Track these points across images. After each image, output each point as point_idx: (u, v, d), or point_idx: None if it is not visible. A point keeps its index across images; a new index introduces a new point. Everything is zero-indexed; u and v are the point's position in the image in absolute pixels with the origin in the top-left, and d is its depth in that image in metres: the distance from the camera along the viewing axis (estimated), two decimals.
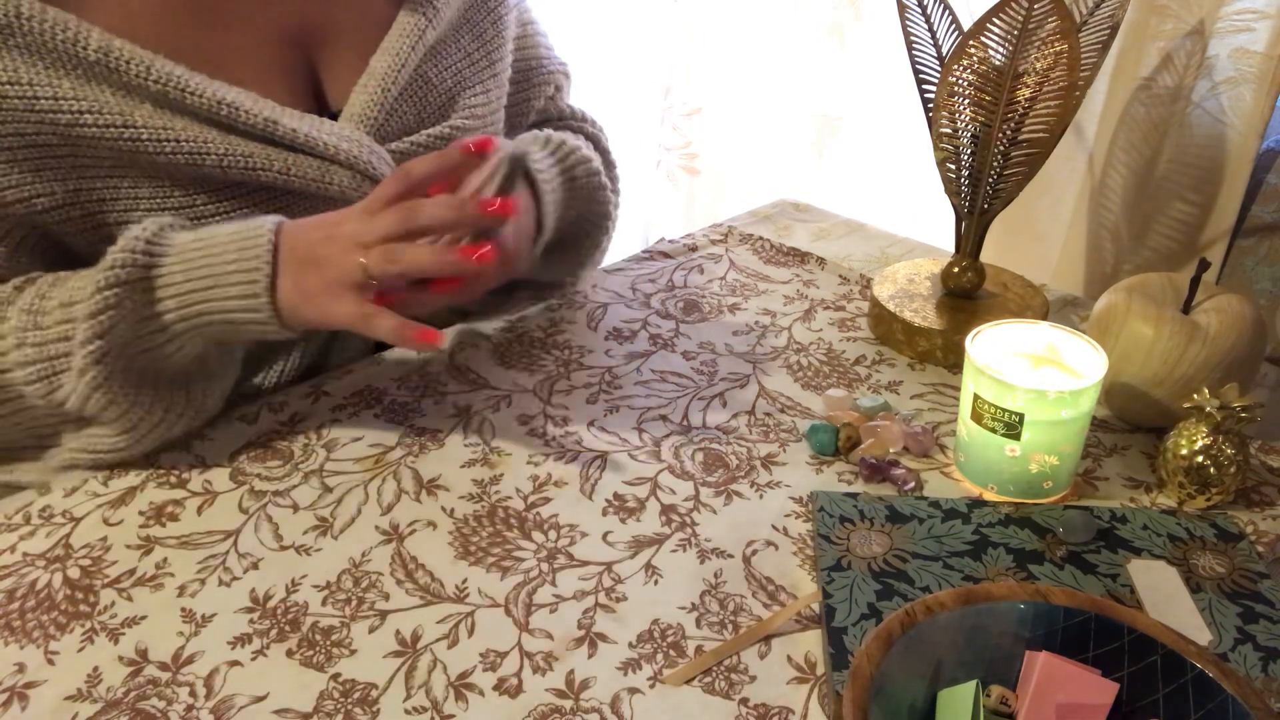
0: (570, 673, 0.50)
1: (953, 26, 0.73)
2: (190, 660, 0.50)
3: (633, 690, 0.49)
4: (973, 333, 0.63)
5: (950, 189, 0.75)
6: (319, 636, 0.52)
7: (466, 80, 0.77)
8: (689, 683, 0.50)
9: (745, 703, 0.49)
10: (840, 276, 0.91)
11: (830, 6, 1.41)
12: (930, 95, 0.75)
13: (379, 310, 0.60)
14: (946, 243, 0.95)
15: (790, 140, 1.53)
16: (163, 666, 0.50)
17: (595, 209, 0.83)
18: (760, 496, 0.63)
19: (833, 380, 0.75)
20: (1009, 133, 0.71)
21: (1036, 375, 0.62)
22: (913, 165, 1.35)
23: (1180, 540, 0.58)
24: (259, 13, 0.68)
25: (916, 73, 0.75)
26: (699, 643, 0.52)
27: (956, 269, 0.79)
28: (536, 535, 0.59)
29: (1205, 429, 0.61)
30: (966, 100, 0.70)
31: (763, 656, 0.51)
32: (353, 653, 0.51)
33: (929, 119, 0.73)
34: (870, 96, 1.42)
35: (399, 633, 0.52)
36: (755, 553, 0.58)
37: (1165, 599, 0.54)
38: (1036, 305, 0.80)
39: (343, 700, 0.49)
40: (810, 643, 0.52)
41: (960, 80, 0.69)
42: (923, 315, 0.78)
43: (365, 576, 0.56)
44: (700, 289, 0.88)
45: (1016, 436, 0.60)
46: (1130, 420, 0.70)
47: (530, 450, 0.67)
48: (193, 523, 0.60)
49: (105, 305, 0.58)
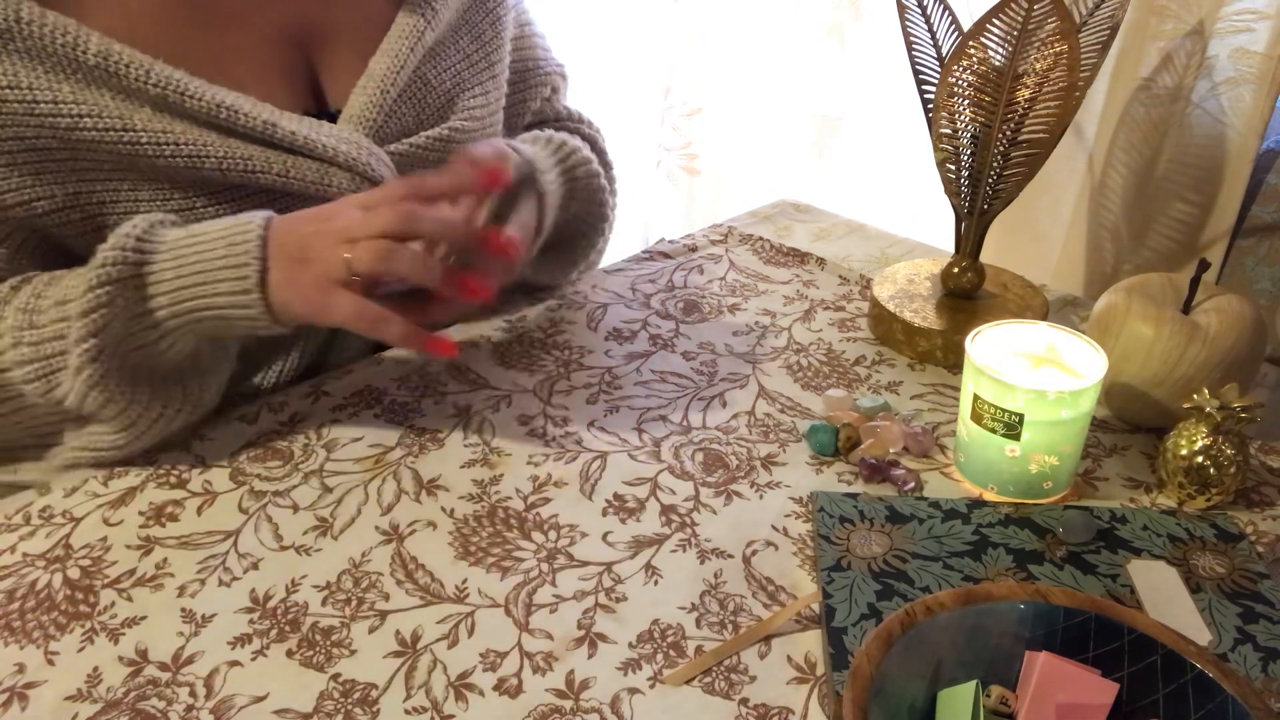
0: (570, 673, 0.50)
1: (953, 27, 0.73)
2: (190, 660, 0.50)
3: (633, 690, 0.49)
4: (973, 333, 0.63)
5: (950, 189, 0.75)
6: (319, 637, 0.52)
7: (465, 82, 0.77)
8: (689, 683, 0.50)
9: (745, 703, 0.49)
10: (840, 277, 0.91)
11: (830, 6, 1.41)
12: (930, 95, 0.75)
13: (385, 314, 0.59)
14: (946, 243, 0.95)
15: (790, 140, 1.53)
16: (163, 667, 0.50)
17: (593, 210, 0.83)
18: (760, 497, 0.63)
19: (833, 380, 0.75)
20: (1009, 133, 0.71)
21: (1036, 375, 0.62)
22: (913, 165, 1.35)
23: (1180, 540, 0.58)
24: (258, 13, 0.69)
25: (916, 73, 0.75)
26: (699, 643, 0.52)
27: (956, 269, 0.79)
28: (536, 535, 0.59)
29: (1205, 429, 0.61)
30: (966, 101, 0.70)
31: (763, 657, 0.51)
32: (353, 653, 0.51)
33: (929, 119, 0.73)
34: (870, 96, 1.42)
35: (399, 633, 0.52)
36: (755, 553, 0.58)
37: (1165, 599, 0.54)
38: (1036, 305, 0.80)
39: (343, 700, 0.49)
40: (810, 643, 0.52)
41: (960, 81, 0.69)
42: (923, 315, 0.78)
43: (365, 577, 0.56)
44: (700, 289, 0.88)
45: (1016, 437, 0.60)
46: (1130, 420, 0.70)
47: (530, 450, 0.67)
48: (193, 523, 0.60)
49: (98, 303, 0.58)
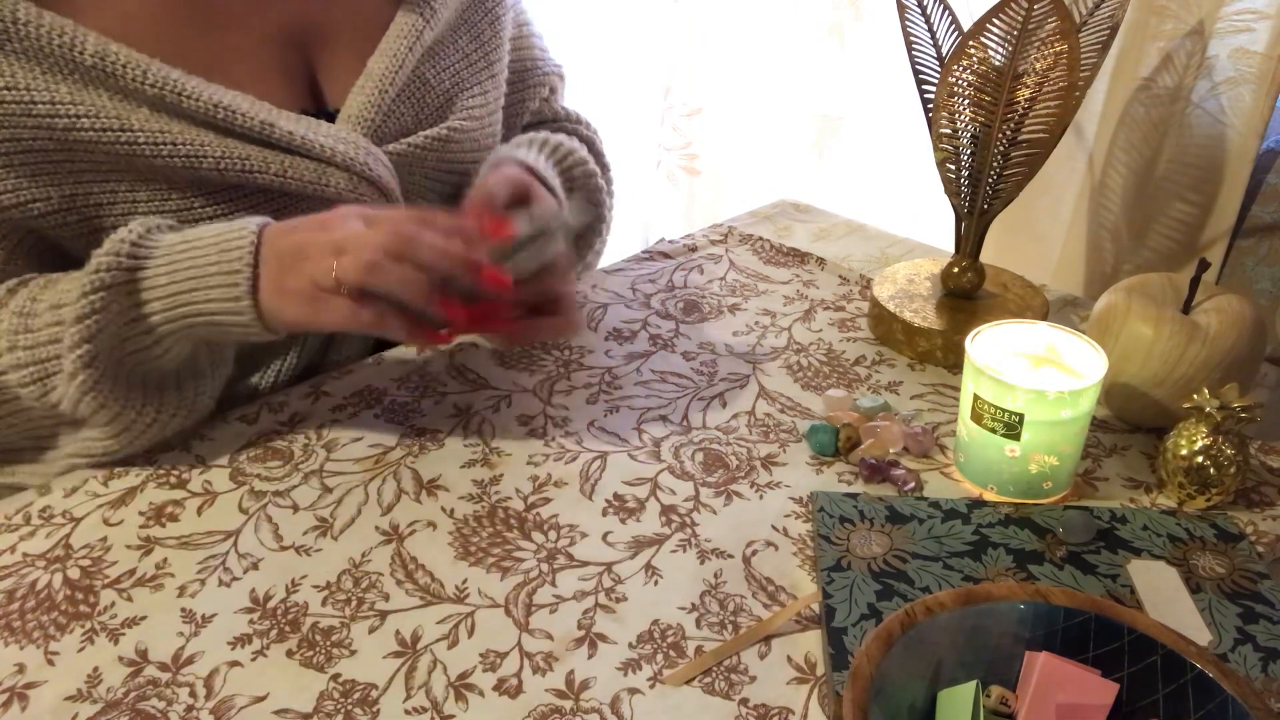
0: (570, 673, 0.50)
1: (953, 27, 0.73)
2: (190, 660, 0.50)
3: (633, 690, 0.49)
4: (973, 333, 0.63)
5: (950, 189, 0.75)
6: (319, 637, 0.52)
7: (464, 82, 0.77)
8: (689, 683, 0.50)
9: (745, 703, 0.49)
10: (840, 277, 0.91)
11: (830, 6, 1.41)
12: (930, 95, 0.75)
13: (380, 316, 0.58)
14: (946, 243, 0.95)
15: (790, 140, 1.53)
16: (163, 667, 0.50)
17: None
18: (760, 497, 0.63)
19: (833, 380, 0.75)
20: (1009, 133, 0.70)
21: (1036, 375, 0.62)
22: (913, 165, 1.35)
23: (1180, 540, 0.58)
24: (256, 13, 0.68)
25: (916, 73, 0.75)
26: (699, 643, 0.52)
27: (956, 269, 0.79)
28: (536, 535, 0.59)
29: (1205, 429, 0.61)
30: (966, 100, 0.70)
31: (763, 657, 0.51)
32: (353, 653, 0.51)
33: (929, 119, 0.73)
34: (870, 96, 1.42)
35: (399, 633, 0.52)
36: (755, 553, 0.58)
37: (1165, 599, 0.54)
38: (1036, 305, 0.80)
39: (343, 700, 0.49)
40: (810, 643, 0.52)
41: (960, 80, 0.69)
42: (923, 315, 0.78)
43: (365, 577, 0.56)
44: (700, 289, 0.88)
45: (1016, 437, 0.60)
46: (1130, 420, 0.70)
47: (530, 450, 0.67)
48: (193, 523, 0.60)
49: (92, 309, 0.57)
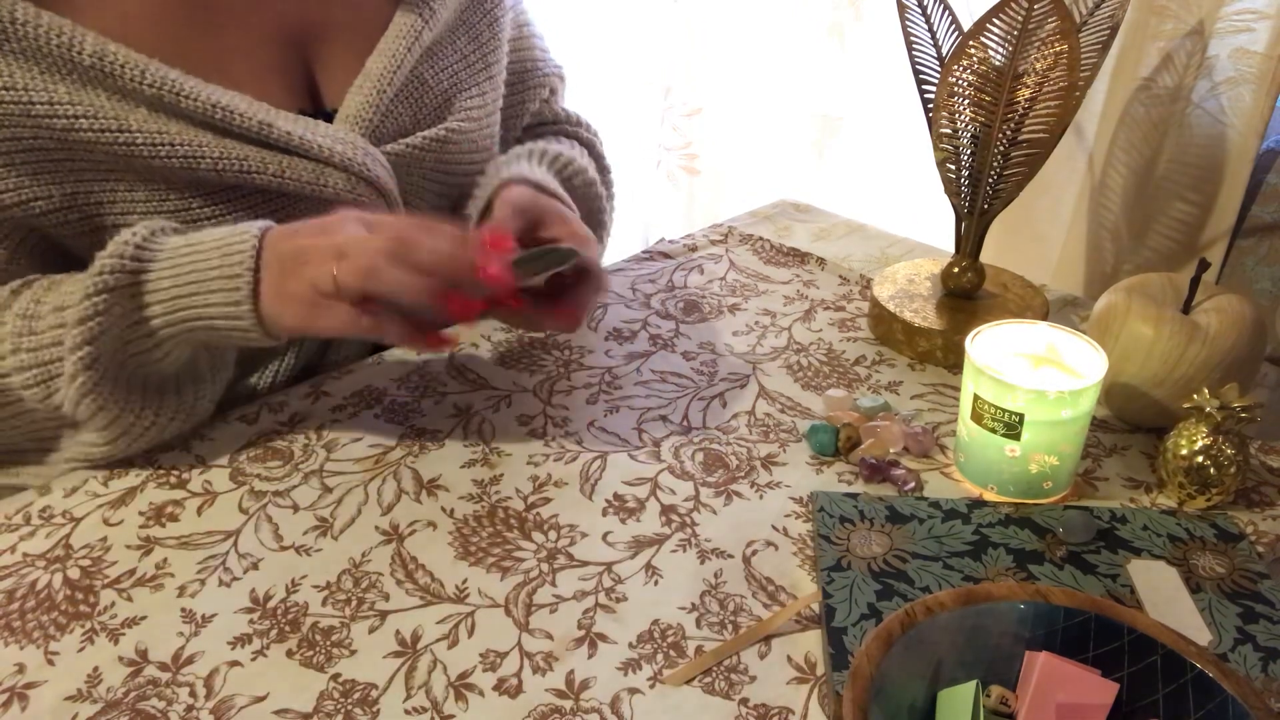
0: (570, 673, 0.50)
1: (953, 26, 0.73)
2: (190, 660, 0.50)
3: (633, 690, 0.49)
4: (973, 333, 0.63)
5: (950, 189, 0.75)
6: (319, 637, 0.52)
7: (462, 82, 0.77)
8: (689, 683, 0.50)
9: (745, 703, 0.49)
10: (840, 277, 0.91)
11: (830, 6, 1.41)
12: (930, 95, 0.75)
13: (379, 320, 0.58)
14: (946, 243, 0.95)
15: (790, 140, 1.53)
16: (163, 667, 0.50)
17: (591, 218, 0.84)
18: (760, 497, 0.63)
19: (833, 380, 0.75)
20: (1009, 133, 0.70)
21: (1036, 375, 0.62)
22: (913, 165, 1.35)
23: (1180, 540, 0.58)
24: (255, 13, 0.68)
25: (916, 73, 0.75)
26: (699, 643, 0.52)
27: (956, 269, 0.79)
28: (536, 535, 0.59)
29: (1205, 429, 0.61)
30: (966, 100, 0.70)
31: (763, 657, 0.51)
32: (353, 653, 0.51)
33: (929, 119, 0.73)
34: (870, 96, 1.42)
35: (399, 633, 0.52)
36: (755, 553, 0.58)
37: (1165, 599, 0.54)
38: (1036, 305, 0.80)
39: (343, 700, 0.49)
40: (810, 643, 0.52)
41: (960, 80, 0.69)
42: (923, 315, 0.78)
43: (365, 577, 0.56)
44: (700, 289, 0.88)
45: (1016, 437, 0.60)
46: (1130, 420, 0.70)
47: (530, 450, 0.67)
48: (193, 523, 0.60)
49: (94, 311, 0.57)
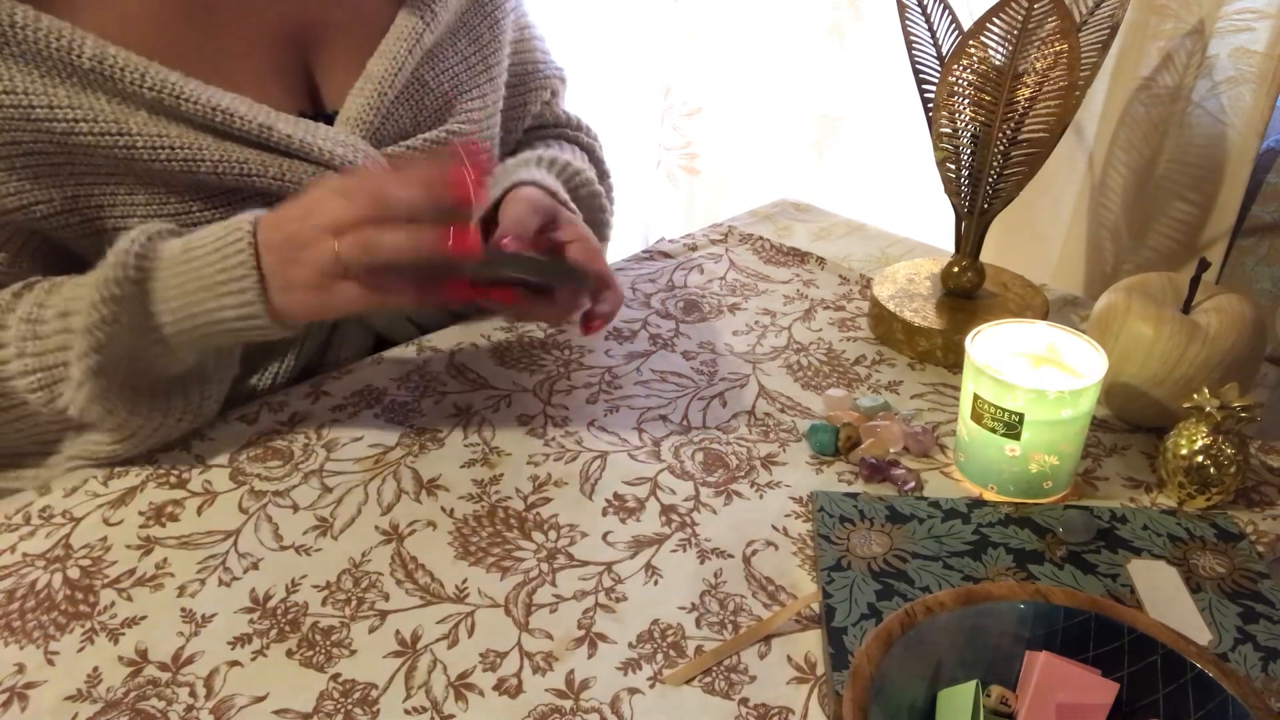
0: (570, 673, 0.50)
1: (953, 26, 0.73)
2: (190, 660, 0.50)
3: (633, 690, 0.49)
4: (973, 333, 0.63)
5: (950, 189, 0.75)
6: (319, 636, 0.52)
7: (463, 84, 0.77)
8: (689, 683, 0.50)
9: (745, 703, 0.49)
10: (840, 276, 0.91)
11: (830, 6, 1.41)
12: (930, 95, 0.75)
13: (390, 287, 0.58)
14: (946, 243, 0.95)
15: (790, 140, 1.53)
16: (163, 667, 0.50)
17: (593, 224, 0.84)
18: (760, 496, 0.63)
19: (833, 380, 0.75)
20: (1009, 133, 0.70)
21: (1036, 375, 0.62)
22: (913, 165, 1.35)
23: (1180, 540, 0.58)
24: (255, 14, 0.68)
25: (916, 73, 0.75)
26: (699, 643, 0.52)
27: (956, 269, 0.79)
28: (536, 535, 0.59)
29: (1205, 429, 0.61)
30: (966, 100, 0.70)
31: (763, 656, 0.51)
32: (353, 653, 0.51)
33: (929, 119, 0.73)
34: (870, 96, 1.42)
35: (399, 633, 0.52)
36: (755, 553, 0.58)
37: (1165, 599, 0.54)
38: (1036, 305, 0.80)
39: (343, 700, 0.49)
40: (810, 643, 0.52)
41: (960, 80, 0.69)
42: (923, 315, 0.78)
43: (365, 576, 0.56)
44: (700, 289, 0.88)
45: (1016, 436, 0.60)
46: (1130, 420, 0.70)
47: (530, 450, 0.67)
48: (193, 523, 0.60)
49: (101, 319, 0.57)
